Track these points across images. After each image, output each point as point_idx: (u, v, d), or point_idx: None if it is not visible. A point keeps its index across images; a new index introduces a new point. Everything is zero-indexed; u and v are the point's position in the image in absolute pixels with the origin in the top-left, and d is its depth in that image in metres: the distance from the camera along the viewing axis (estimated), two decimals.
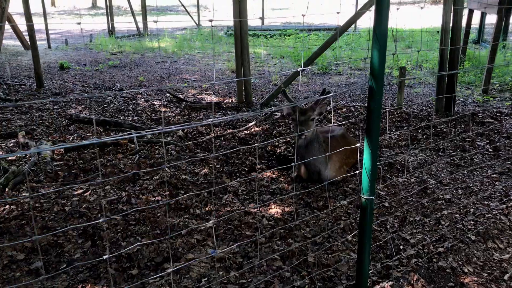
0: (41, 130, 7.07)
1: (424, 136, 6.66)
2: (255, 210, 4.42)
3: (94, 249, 3.76)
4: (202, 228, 4.04)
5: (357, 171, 3.23)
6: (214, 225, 4.08)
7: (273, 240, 3.86)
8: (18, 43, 15.44)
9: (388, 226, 4.15)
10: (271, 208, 4.47)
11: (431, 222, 4.23)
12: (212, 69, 12.11)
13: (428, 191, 4.86)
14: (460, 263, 3.57)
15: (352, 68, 12.53)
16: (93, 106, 8.46)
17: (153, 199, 4.68)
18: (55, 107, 8.44)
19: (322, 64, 12.42)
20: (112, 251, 3.70)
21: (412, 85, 10.48)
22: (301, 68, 2.93)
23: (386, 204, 4.55)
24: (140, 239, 3.89)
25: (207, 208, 4.50)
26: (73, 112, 7.76)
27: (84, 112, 8.10)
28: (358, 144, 5.41)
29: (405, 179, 5.18)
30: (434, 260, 3.60)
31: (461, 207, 4.50)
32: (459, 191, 4.90)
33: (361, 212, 2.72)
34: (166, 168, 5.48)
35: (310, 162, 4.89)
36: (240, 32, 8.27)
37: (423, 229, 4.12)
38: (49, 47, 15.57)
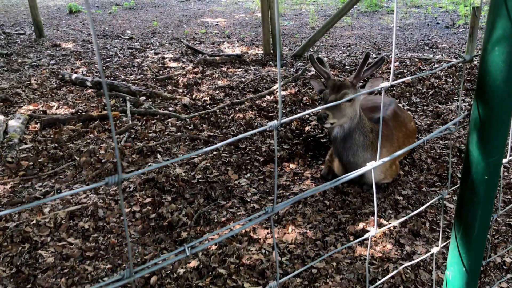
0: (26, 95, 5.90)
1: None
2: (265, 236, 3.08)
3: None
4: (181, 272, 2.76)
5: None
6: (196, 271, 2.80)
7: None
8: None
9: None
10: (287, 232, 3.12)
11: None
12: (239, 10, 10.41)
13: None
14: None
15: (408, 5, 10.45)
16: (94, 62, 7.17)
17: (128, 210, 3.43)
18: (52, 62, 7.23)
19: (371, 1, 10.41)
20: None
21: (482, 26, 8.43)
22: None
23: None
24: None
25: (198, 229, 3.20)
26: (65, 72, 6.49)
27: (82, 68, 6.85)
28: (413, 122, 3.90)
29: None
30: None
31: None
32: None
33: None
34: (158, 156, 4.20)
35: (350, 161, 3.43)
36: None
37: None
38: None
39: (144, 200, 3.53)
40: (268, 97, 5.53)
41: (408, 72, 6.04)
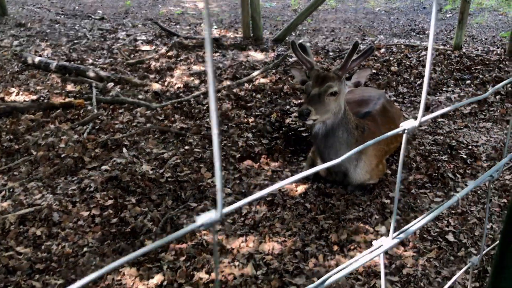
0: None
1: (498, 98, 4.70)
2: (239, 246, 2.77)
3: None
4: None
5: None
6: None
7: None
8: None
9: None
10: (263, 241, 2.81)
11: None
12: None
13: None
14: None
15: None
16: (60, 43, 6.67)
17: (87, 213, 3.06)
18: (15, 43, 6.70)
19: None
20: None
21: (470, 12, 8.16)
22: None
23: (452, 238, 2.81)
24: None
25: (164, 235, 2.87)
26: (28, 54, 6.00)
27: (47, 51, 6.35)
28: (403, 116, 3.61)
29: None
30: None
31: None
32: None
33: None
34: (124, 150, 3.82)
35: (332, 160, 3.11)
36: None
37: None
38: None
39: (106, 202, 3.16)
40: (246, 85, 5.17)
41: (394, 60, 5.73)
